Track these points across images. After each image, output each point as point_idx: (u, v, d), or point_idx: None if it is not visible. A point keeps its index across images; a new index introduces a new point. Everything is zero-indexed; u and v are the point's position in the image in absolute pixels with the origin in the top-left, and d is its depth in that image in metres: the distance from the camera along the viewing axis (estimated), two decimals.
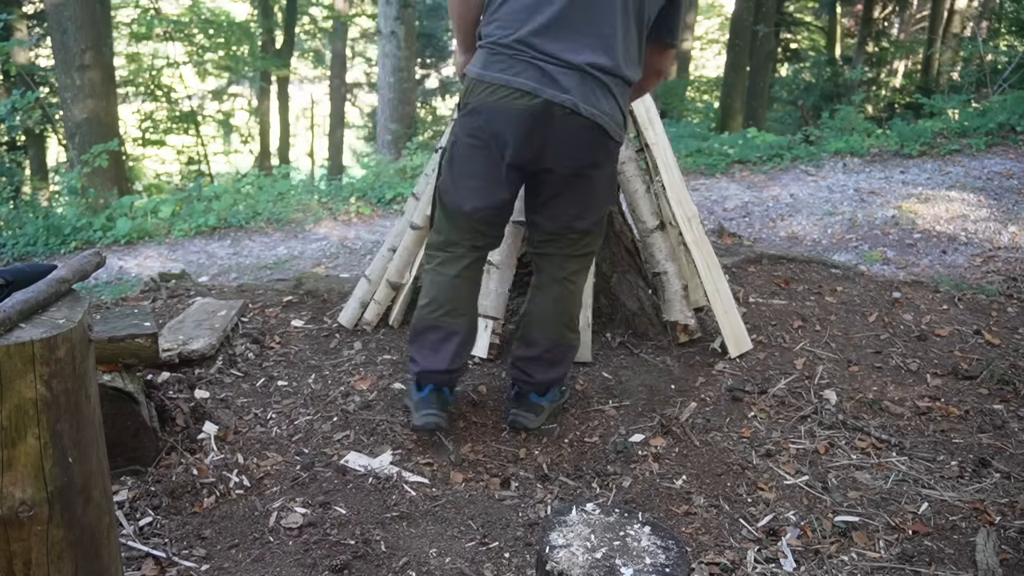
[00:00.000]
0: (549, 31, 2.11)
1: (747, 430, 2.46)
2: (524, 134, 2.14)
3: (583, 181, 2.26)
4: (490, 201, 2.29)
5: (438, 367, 2.38)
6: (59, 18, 7.75)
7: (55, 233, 6.53)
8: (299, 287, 3.58)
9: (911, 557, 1.92)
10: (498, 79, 2.14)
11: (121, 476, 2.20)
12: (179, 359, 2.72)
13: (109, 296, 4.18)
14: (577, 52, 2.11)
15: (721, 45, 18.96)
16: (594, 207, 2.34)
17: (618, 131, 2.21)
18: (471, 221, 2.32)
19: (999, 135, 7.21)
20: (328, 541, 1.97)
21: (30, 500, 1.17)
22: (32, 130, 10.89)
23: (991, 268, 4.39)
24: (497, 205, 2.30)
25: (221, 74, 16.01)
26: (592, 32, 2.12)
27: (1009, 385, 2.72)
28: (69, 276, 1.34)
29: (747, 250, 3.91)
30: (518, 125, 2.13)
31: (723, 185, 6.76)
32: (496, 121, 2.16)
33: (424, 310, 2.41)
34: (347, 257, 5.67)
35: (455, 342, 2.38)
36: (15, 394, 1.14)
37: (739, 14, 11.73)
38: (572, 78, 2.10)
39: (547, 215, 2.35)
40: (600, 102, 2.13)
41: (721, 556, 1.93)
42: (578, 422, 2.56)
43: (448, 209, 2.35)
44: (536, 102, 2.10)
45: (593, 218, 2.36)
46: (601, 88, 2.13)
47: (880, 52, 14.63)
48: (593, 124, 2.13)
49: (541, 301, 2.45)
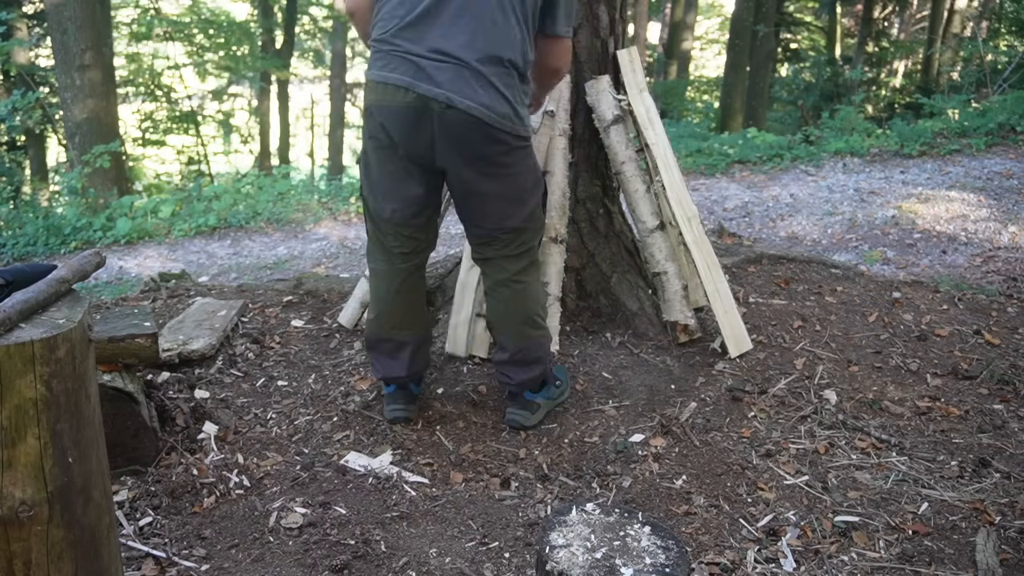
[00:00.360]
0: (421, 25, 2.10)
1: (747, 430, 2.46)
2: (409, 130, 2.14)
3: (490, 177, 2.22)
4: (403, 199, 2.27)
5: (398, 373, 2.47)
6: (59, 18, 7.75)
7: (55, 233, 6.54)
8: (299, 287, 3.58)
9: (911, 557, 1.92)
10: (378, 77, 2.15)
11: (121, 476, 2.20)
12: (179, 359, 2.72)
13: (109, 296, 4.18)
14: (450, 44, 2.08)
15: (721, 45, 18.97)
16: (517, 204, 2.30)
17: (505, 123, 2.13)
18: (393, 225, 2.32)
19: (999, 135, 7.22)
20: (328, 541, 1.97)
21: (30, 500, 1.17)
22: (32, 130, 10.90)
23: (991, 268, 4.39)
24: (411, 202, 2.28)
25: (221, 74, 16.02)
26: (465, 23, 2.09)
27: (1009, 385, 2.72)
28: (69, 276, 1.35)
29: (747, 250, 3.91)
30: (402, 122, 2.13)
31: (723, 185, 6.76)
32: (385, 120, 2.16)
33: (372, 324, 2.47)
34: (347, 257, 5.67)
35: (408, 351, 2.46)
36: (15, 394, 1.14)
37: (739, 14, 11.73)
38: (446, 71, 2.07)
39: (469, 216, 2.34)
40: (478, 94, 2.08)
41: (721, 556, 1.93)
42: (578, 422, 2.56)
43: (372, 216, 2.35)
44: (412, 98, 2.09)
45: (522, 214, 2.32)
46: (479, 79, 2.08)
47: (880, 52, 14.63)
48: (472, 118, 2.09)
49: (493, 306, 2.45)
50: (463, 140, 2.13)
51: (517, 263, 2.38)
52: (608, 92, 2.89)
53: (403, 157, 2.21)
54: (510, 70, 2.14)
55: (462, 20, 2.09)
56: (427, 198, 2.30)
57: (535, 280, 2.47)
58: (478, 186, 2.23)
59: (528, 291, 2.42)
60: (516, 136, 2.19)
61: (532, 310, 2.43)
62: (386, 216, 2.31)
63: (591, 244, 3.06)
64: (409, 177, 2.24)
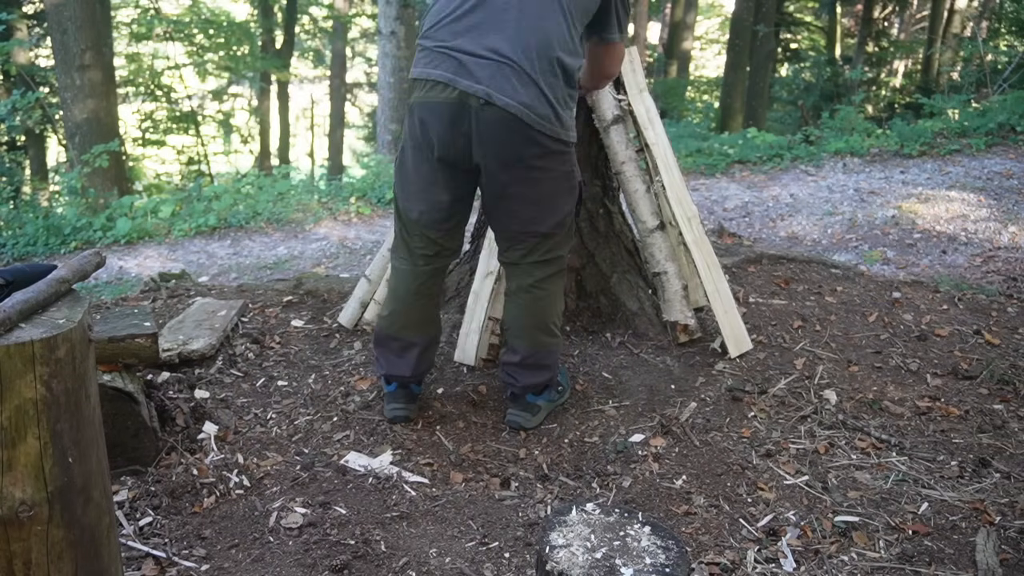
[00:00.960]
0: (465, 21, 2.10)
1: (747, 430, 2.46)
2: (446, 127, 2.13)
3: (524, 180, 2.20)
4: (431, 203, 2.28)
5: (403, 372, 2.47)
6: (59, 18, 7.75)
7: (55, 233, 6.53)
8: (299, 287, 3.58)
9: (911, 557, 1.92)
10: (421, 74, 2.16)
11: (121, 476, 2.20)
12: (179, 359, 2.72)
13: (109, 296, 4.18)
14: (493, 41, 2.06)
15: (721, 45, 18.97)
16: (549, 208, 2.27)
17: (544, 124, 2.11)
18: (419, 227, 2.32)
19: (999, 135, 7.22)
20: (328, 541, 1.97)
21: (30, 500, 1.17)
22: (32, 130, 10.90)
23: (991, 268, 4.39)
24: (438, 207, 2.28)
25: (221, 74, 16.02)
26: (512, 19, 2.07)
27: (1009, 385, 2.72)
28: (69, 276, 1.35)
29: (747, 250, 3.91)
30: (441, 117, 2.13)
31: (723, 185, 6.76)
32: (425, 116, 2.16)
33: (384, 320, 2.47)
34: (347, 257, 5.67)
35: (415, 352, 2.46)
36: (15, 394, 1.14)
37: (739, 14, 11.73)
38: (487, 68, 2.06)
39: (499, 217, 2.33)
40: (518, 93, 2.06)
41: (721, 556, 1.93)
42: (578, 422, 2.56)
43: (401, 216, 2.36)
44: (453, 94, 2.08)
45: (552, 220, 2.29)
46: (520, 78, 2.06)
47: (880, 52, 14.63)
48: (509, 116, 2.06)
49: (512, 310, 2.45)
50: (500, 139, 2.11)
51: (543, 270, 2.36)
52: (608, 92, 2.89)
53: (438, 160, 2.20)
54: (555, 69, 2.11)
55: (508, 16, 2.07)
56: (454, 206, 2.30)
57: (557, 289, 2.43)
58: (510, 188, 2.21)
59: (549, 298, 2.40)
60: (555, 139, 2.15)
61: (549, 318, 2.42)
62: (413, 217, 2.31)
63: (591, 244, 3.06)
64: (439, 182, 2.24)
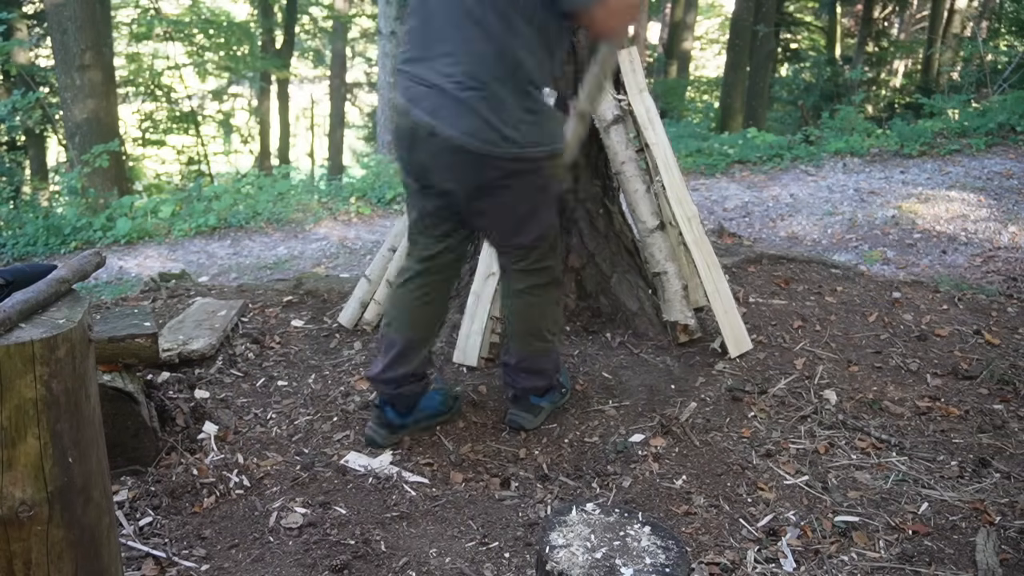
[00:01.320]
0: (417, 44, 2.11)
1: (747, 430, 2.46)
2: (408, 152, 2.18)
3: (493, 202, 2.16)
4: (420, 210, 2.31)
5: (371, 373, 2.41)
6: (59, 18, 7.75)
7: (55, 233, 6.53)
8: (299, 287, 3.58)
9: (911, 557, 1.92)
10: (392, 99, 2.22)
11: (121, 476, 2.20)
12: (179, 359, 2.72)
13: (109, 296, 4.18)
14: (440, 64, 2.03)
15: (721, 45, 18.97)
16: (528, 223, 2.23)
17: (494, 148, 2.02)
18: (418, 229, 2.35)
19: (999, 135, 7.21)
20: (328, 541, 1.97)
21: (30, 500, 1.17)
22: (32, 130, 10.90)
23: (991, 268, 4.39)
24: (426, 214, 2.30)
25: (221, 74, 16.02)
26: (452, 40, 2.01)
27: (1009, 385, 2.72)
28: (69, 276, 1.35)
29: (747, 250, 3.91)
30: (402, 143, 2.19)
31: (723, 185, 6.76)
32: (393, 138, 2.26)
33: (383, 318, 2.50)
34: (347, 257, 5.67)
35: (391, 354, 2.35)
36: (15, 394, 1.14)
37: (739, 14, 11.73)
38: (429, 97, 2.05)
39: (480, 231, 2.38)
40: (460, 121, 2.00)
41: (721, 556, 1.93)
42: (578, 422, 2.56)
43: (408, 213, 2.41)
44: (408, 122, 2.11)
45: (533, 234, 2.26)
46: (459, 106, 2.00)
47: (880, 52, 14.63)
48: (456, 146, 2.02)
49: (508, 314, 2.46)
50: (454, 167, 2.10)
51: (531, 278, 2.35)
52: (608, 92, 2.89)
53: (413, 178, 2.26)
54: (500, 88, 2.00)
55: (448, 37, 2.02)
56: (437, 213, 2.28)
57: (549, 298, 2.39)
58: (482, 208, 2.20)
59: (540, 305, 2.38)
60: (514, 159, 2.06)
61: (543, 324, 2.40)
62: (412, 219, 2.35)
63: (591, 244, 3.06)
64: (418, 192, 2.27)
